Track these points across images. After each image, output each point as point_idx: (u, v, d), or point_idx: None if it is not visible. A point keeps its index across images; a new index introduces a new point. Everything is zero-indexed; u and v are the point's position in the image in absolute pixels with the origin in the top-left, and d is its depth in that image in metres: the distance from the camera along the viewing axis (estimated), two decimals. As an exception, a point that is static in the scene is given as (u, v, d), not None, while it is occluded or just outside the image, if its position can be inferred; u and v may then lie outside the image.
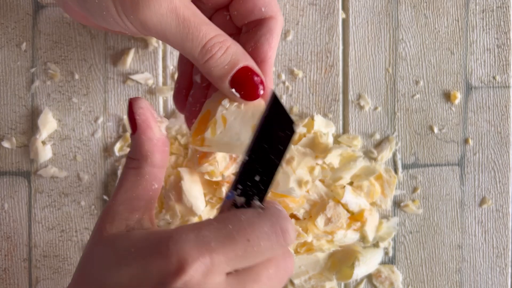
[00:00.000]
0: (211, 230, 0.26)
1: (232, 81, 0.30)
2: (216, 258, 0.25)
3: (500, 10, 0.44)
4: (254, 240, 0.26)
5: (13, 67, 0.43)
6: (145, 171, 0.29)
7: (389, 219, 0.44)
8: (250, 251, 0.26)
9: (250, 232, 0.26)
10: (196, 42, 0.29)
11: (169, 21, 0.29)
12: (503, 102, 0.45)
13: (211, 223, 0.26)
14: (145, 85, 0.43)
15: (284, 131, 0.27)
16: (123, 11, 0.29)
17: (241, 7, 0.33)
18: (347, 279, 0.43)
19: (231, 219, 0.26)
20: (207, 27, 0.30)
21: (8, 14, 0.43)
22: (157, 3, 0.28)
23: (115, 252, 0.27)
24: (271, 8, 0.33)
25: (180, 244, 0.25)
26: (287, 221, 0.27)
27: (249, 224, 0.26)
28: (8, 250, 0.43)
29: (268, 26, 0.33)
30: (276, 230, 0.27)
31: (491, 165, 0.45)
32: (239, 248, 0.26)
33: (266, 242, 0.26)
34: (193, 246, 0.25)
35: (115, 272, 0.26)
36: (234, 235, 0.26)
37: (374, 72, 0.44)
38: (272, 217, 0.27)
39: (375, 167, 0.44)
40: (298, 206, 0.42)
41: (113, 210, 0.29)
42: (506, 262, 0.45)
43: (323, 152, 0.42)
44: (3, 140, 0.43)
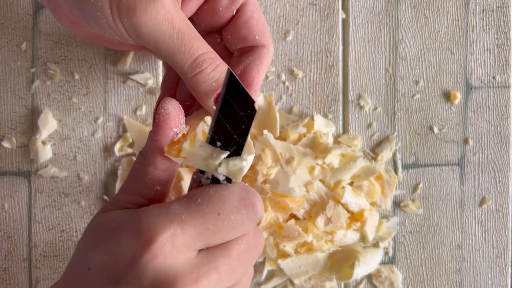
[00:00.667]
0: (181, 204, 0.26)
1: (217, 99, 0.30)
2: (188, 230, 0.25)
3: (500, 10, 0.44)
4: (225, 213, 0.26)
5: (13, 67, 0.43)
6: (147, 171, 0.29)
7: (389, 219, 0.44)
8: (220, 225, 0.26)
9: (220, 205, 0.26)
10: (187, 54, 0.29)
11: (164, 29, 0.28)
12: (503, 102, 0.45)
13: (180, 199, 0.27)
14: (145, 85, 0.43)
15: (245, 111, 0.27)
16: (118, 14, 0.28)
17: (235, 32, 0.34)
18: (347, 279, 0.43)
19: (200, 194, 0.27)
20: (200, 42, 0.30)
21: (8, 14, 0.43)
22: (154, 9, 0.28)
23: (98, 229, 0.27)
24: (265, 37, 0.34)
25: (151, 217, 0.25)
26: (255, 195, 0.28)
27: (219, 198, 0.26)
28: (8, 250, 0.43)
29: (260, 53, 0.33)
30: (245, 203, 0.27)
31: (491, 165, 0.45)
32: (210, 221, 0.26)
33: (237, 216, 0.26)
34: (164, 218, 0.25)
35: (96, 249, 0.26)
36: (204, 208, 0.26)
37: (374, 72, 0.44)
38: (240, 191, 0.27)
39: (375, 167, 0.44)
40: (298, 206, 0.42)
41: (115, 197, 0.29)
42: (506, 262, 0.45)
43: (323, 152, 0.42)
44: (3, 140, 0.43)
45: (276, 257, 0.43)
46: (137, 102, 0.43)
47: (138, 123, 0.43)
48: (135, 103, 0.43)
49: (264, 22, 0.34)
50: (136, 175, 0.29)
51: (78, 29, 0.35)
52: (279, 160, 0.41)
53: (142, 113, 0.43)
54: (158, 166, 0.29)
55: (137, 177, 0.29)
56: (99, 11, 0.29)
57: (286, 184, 0.40)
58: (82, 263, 0.27)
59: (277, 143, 0.41)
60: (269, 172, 0.41)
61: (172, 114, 0.29)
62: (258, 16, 0.34)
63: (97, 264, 0.26)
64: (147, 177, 0.29)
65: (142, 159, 0.29)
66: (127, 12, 0.28)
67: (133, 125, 0.43)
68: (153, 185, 0.29)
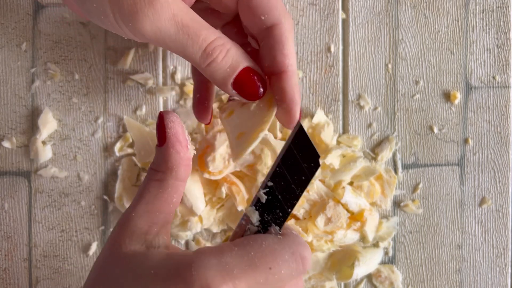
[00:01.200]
0: (233, 256, 0.26)
1: (235, 83, 0.30)
2: (239, 285, 0.25)
3: (500, 10, 0.44)
4: (276, 268, 0.26)
5: (13, 67, 0.43)
6: (168, 184, 0.29)
7: (389, 219, 0.44)
8: (271, 279, 0.26)
9: (271, 260, 0.26)
10: (196, 47, 0.29)
11: (168, 28, 0.29)
12: (503, 102, 0.45)
13: (232, 248, 0.26)
14: (145, 86, 0.43)
15: (308, 163, 0.28)
16: (121, 19, 0.28)
17: (245, 18, 0.33)
18: (347, 279, 0.43)
19: (252, 246, 0.27)
20: (206, 31, 0.29)
21: (8, 14, 0.43)
22: (155, 12, 0.28)
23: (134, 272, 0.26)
24: (272, 15, 0.33)
25: (203, 270, 0.25)
26: (305, 248, 0.28)
27: (271, 252, 0.26)
28: (8, 250, 0.43)
29: (274, 35, 0.33)
30: (296, 257, 0.27)
31: (491, 165, 0.45)
32: (260, 275, 0.26)
33: (287, 270, 0.26)
34: (216, 272, 0.25)
35: None
36: (256, 262, 0.26)
37: (374, 72, 0.44)
38: (292, 244, 0.27)
39: (375, 168, 0.44)
40: (298, 206, 0.42)
41: (132, 223, 0.29)
42: (506, 262, 0.45)
43: (323, 153, 0.42)
44: (3, 140, 0.43)
45: (276, 257, 0.43)
46: (137, 102, 0.43)
47: (138, 123, 0.43)
48: (135, 103, 0.43)
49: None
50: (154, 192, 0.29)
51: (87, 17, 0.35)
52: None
53: (142, 113, 0.43)
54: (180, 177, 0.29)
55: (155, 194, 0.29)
56: (103, 16, 0.29)
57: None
58: None
59: (277, 143, 0.41)
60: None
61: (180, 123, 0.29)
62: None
63: None
64: (167, 191, 0.29)
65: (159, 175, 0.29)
66: (129, 17, 0.28)
67: (133, 125, 0.43)
68: (172, 197, 0.29)
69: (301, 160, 0.27)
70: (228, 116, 0.32)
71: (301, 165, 0.28)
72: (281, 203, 0.28)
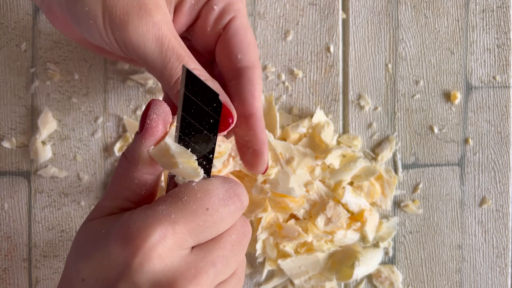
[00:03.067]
0: (167, 204, 0.26)
1: None
2: (178, 228, 0.25)
3: (500, 10, 0.44)
4: (212, 207, 0.26)
5: (13, 67, 0.43)
6: (134, 176, 0.28)
7: (389, 219, 0.44)
8: (210, 220, 0.26)
9: (207, 200, 0.26)
10: (174, 71, 0.29)
11: (154, 46, 0.29)
12: (503, 102, 0.45)
13: (164, 199, 0.26)
14: (145, 85, 0.43)
15: (210, 105, 0.27)
16: (110, 26, 0.29)
17: (220, 53, 0.34)
18: (347, 279, 0.43)
19: (184, 191, 0.26)
20: (188, 59, 0.30)
21: (8, 14, 0.43)
22: (145, 27, 0.28)
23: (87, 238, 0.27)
24: (248, 57, 0.33)
25: (139, 221, 0.25)
26: (237, 185, 0.28)
27: (204, 193, 0.26)
28: (8, 250, 0.43)
29: (247, 77, 0.33)
30: (230, 194, 0.27)
31: (491, 165, 0.45)
32: (199, 217, 0.26)
33: (224, 208, 0.26)
34: (152, 220, 0.25)
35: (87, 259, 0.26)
36: (192, 205, 0.26)
37: (374, 72, 0.44)
38: (224, 183, 0.27)
39: (376, 168, 0.44)
40: (298, 206, 0.42)
41: (102, 204, 0.29)
42: (506, 262, 0.45)
43: (324, 153, 0.42)
44: (3, 140, 0.43)
45: (276, 257, 0.43)
46: (137, 102, 0.43)
47: (138, 123, 0.43)
48: (135, 103, 0.43)
49: (250, 41, 0.33)
50: (121, 180, 0.29)
51: (69, 33, 0.35)
52: (279, 160, 0.41)
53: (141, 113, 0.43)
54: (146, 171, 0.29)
55: (123, 182, 0.29)
56: (92, 21, 0.29)
57: (286, 184, 0.40)
58: (76, 275, 0.26)
59: (277, 143, 0.41)
60: (269, 172, 0.41)
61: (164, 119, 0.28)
62: (243, 33, 0.33)
63: (91, 274, 0.26)
64: (133, 182, 0.28)
65: (127, 163, 0.29)
66: (119, 26, 0.28)
67: (133, 125, 0.43)
68: (140, 189, 0.29)
69: (202, 104, 0.26)
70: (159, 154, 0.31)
71: (204, 109, 0.27)
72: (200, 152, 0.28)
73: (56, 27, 0.35)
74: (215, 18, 0.33)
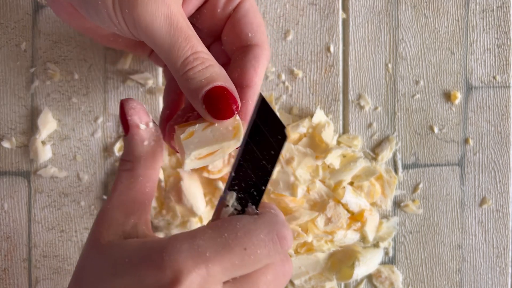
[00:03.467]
0: (205, 239, 0.25)
1: (206, 96, 0.29)
2: (212, 268, 0.25)
3: (500, 10, 0.44)
4: (251, 248, 0.25)
5: (13, 67, 0.43)
6: (138, 173, 0.29)
7: (389, 219, 0.44)
8: (247, 260, 0.25)
9: (246, 240, 0.25)
10: (181, 52, 0.29)
11: (162, 25, 0.29)
12: (503, 102, 0.45)
13: (205, 231, 0.26)
14: (145, 85, 0.43)
15: (275, 136, 0.27)
16: (120, 5, 0.28)
17: (230, 32, 0.34)
18: (347, 279, 0.43)
19: (226, 227, 0.26)
20: (196, 41, 0.30)
21: (8, 14, 0.43)
22: (155, 4, 0.28)
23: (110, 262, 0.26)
24: (259, 36, 0.33)
25: (175, 255, 0.25)
26: (284, 227, 0.27)
27: (245, 232, 0.26)
28: (8, 250, 0.43)
29: (254, 52, 0.33)
30: (273, 236, 0.26)
31: (491, 165, 0.45)
32: (235, 257, 0.25)
33: (263, 250, 0.26)
34: (188, 256, 0.24)
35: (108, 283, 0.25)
36: (230, 243, 0.25)
37: (374, 72, 0.44)
38: (268, 223, 0.26)
39: (376, 168, 0.44)
40: (298, 206, 0.42)
41: (108, 216, 0.29)
42: (506, 262, 0.45)
43: (324, 153, 0.42)
44: (3, 140, 0.43)
45: (276, 257, 0.43)
46: (137, 102, 0.43)
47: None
48: (135, 103, 0.43)
49: (260, 23, 0.34)
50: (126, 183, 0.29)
51: (74, 22, 0.34)
52: (279, 160, 0.41)
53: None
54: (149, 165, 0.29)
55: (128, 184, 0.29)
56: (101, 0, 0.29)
57: (286, 184, 0.40)
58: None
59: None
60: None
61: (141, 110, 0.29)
62: (253, 15, 0.34)
63: None
64: (138, 180, 0.29)
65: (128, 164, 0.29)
66: (128, 4, 0.28)
67: (133, 125, 0.43)
68: (145, 186, 0.29)
69: (268, 134, 0.26)
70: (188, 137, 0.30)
71: (269, 139, 0.26)
72: (254, 181, 0.27)
73: (61, 17, 0.34)
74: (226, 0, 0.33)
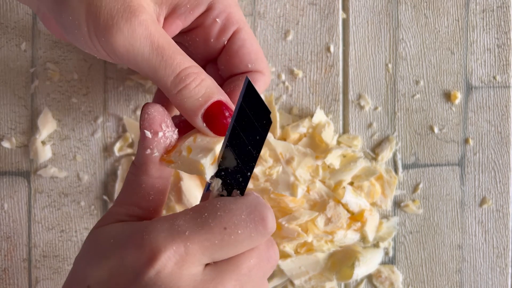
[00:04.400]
0: (186, 219, 0.25)
1: (205, 115, 0.28)
2: (191, 247, 0.24)
3: (500, 10, 0.44)
4: (231, 227, 0.25)
5: (13, 67, 0.43)
6: (141, 180, 0.28)
7: (389, 219, 0.44)
8: (227, 240, 0.25)
9: (226, 219, 0.25)
10: (169, 70, 0.28)
11: (142, 47, 0.28)
12: (503, 102, 0.44)
13: (187, 213, 0.26)
14: (144, 85, 0.43)
15: (260, 121, 0.26)
16: (95, 33, 0.28)
17: (227, 62, 0.33)
18: (347, 279, 0.43)
19: (207, 207, 0.26)
20: (181, 56, 0.28)
21: (8, 14, 0.43)
22: (131, 28, 0.27)
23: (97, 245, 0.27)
24: (258, 64, 0.33)
25: (154, 233, 0.25)
26: (266, 208, 0.26)
27: (226, 211, 0.25)
28: (8, 250, 0.43)
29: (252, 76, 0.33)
30: (254, 217, 0.26)
31: (491, 165, 0.45)
32: (215, 236, 0.25)
33: (244, 230, 0.25)
34: (167, 235, 0.24)
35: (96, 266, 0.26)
36: (210, 223, 0.25)
37: (374, 72, 0.44)
38: (250, 204, 0.26)
39: (376, 168, 0.44)
40: (298, 206, 0.42)
41: (109, 211, 0.29)
42: (506, 262, 0.45)
43: (324, 153, 0.42)
44: (3, 140, 0.43)
45: (276, 257, 0.43)
46: (136, 102, 0.43)
47: (138, 123, 0.43)
48: (135, 103, 0.43)
49: (258, 50, 0.34)
50: (130, 186, 0.29)
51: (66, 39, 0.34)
52: (279, 160, 0.41)
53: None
54: (152, 174, 0.28)
55: (132, 188, 0.29)
56: (77, 29, 0.28)
57: (286, 184, 0.40)
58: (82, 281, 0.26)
59: (277, 143, 0.41)
60: (271, 172, 0.41)
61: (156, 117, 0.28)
62: (250, 44, 0.33)
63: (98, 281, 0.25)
64: (141, 187, 0.28)
65: (135, 169, 0.29)
66: (104, 30, 0.27)
67: (133, 125, 0.43)
68: (149, 194, 0.29)
69: (253, 119, 0.26)
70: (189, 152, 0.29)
71: (254, 124, 0.26)
72: (240, 167, 0.27)
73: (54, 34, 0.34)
74: (219, 30, 0.33)
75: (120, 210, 0.29)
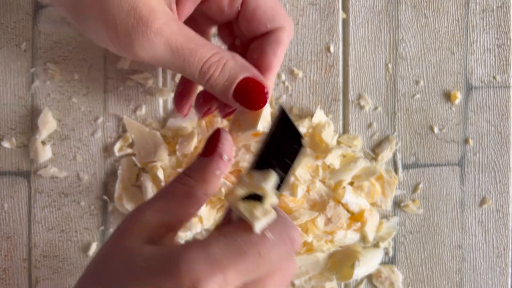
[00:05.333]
0: (220, 247, 0.25)
1: (235, 94, 0.31)
2: (229, 275, 0.25)
3: (500, 10, 0.44)
4: (265, 252, 0.26)
5: (13, 67, 0.43)
6: (196, 194, 0.29)
7: (389, 219, 0.44)
8: (261, 264, 0.26)
9: (260, 245, 0.26)
10: (193, 67, 0.30)
11: (163, 54, 0.30)
12: (503, 102, 0.44)
13: (219, 239, 0.26)
14: (144, 87, 0.43)
15: (291, 145, 0.27)
16: (120, 48, 0.30)
17: (245, 27, 0.34)
18: (347, 279, 0.43)
19: (239, 234, 0.26)
20: (201, 49, 0.30)
21: (8, 14, 0.43)
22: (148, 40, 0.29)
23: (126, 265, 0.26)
24: (278, 20, 0.33)
25: (191, 263, 0.25)
26: (294, 229, 0.27)
27: (259, 237, 0.26)
28: (8, 250, 0.43)
29: (275, 36, 0.33)
30: (284, 239, 0.27)
31: (491, 165, 0.45)
32: (251, 262, 0.25)
33: (276, 253, 0.26)
34: (205, 265, 0.25)
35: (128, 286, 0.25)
36: (245, 250, 0.25)
37: (374, 72, 0.44)
38: (279, 227, 0.27)
39: (376, 168, 0.44)
40: (298, 206, 0.42)
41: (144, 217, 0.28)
42: (506, 262, 0.45)
43: (324, 153, 0.42)
44: (3, 140, 0.43)
45: (276, 257, 0.43)
46: (136, 102, 0.43)
47: (138, 123, 0.43)
48: (135, 103, 0.43)
49: (273, 5, 0.34)
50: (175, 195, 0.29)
51: None
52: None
53: (141, 113, 0.43)
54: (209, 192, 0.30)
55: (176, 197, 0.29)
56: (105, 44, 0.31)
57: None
58: None
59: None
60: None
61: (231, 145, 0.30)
62: (264, 2, 0.33)
63: None
64: (191, 199, 0.29)
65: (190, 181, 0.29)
66: (126, 47, 0.30)
67: (133, 125, 0.43)
68: (193, 207, 0.29)
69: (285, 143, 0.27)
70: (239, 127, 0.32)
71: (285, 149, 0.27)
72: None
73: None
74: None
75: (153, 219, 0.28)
